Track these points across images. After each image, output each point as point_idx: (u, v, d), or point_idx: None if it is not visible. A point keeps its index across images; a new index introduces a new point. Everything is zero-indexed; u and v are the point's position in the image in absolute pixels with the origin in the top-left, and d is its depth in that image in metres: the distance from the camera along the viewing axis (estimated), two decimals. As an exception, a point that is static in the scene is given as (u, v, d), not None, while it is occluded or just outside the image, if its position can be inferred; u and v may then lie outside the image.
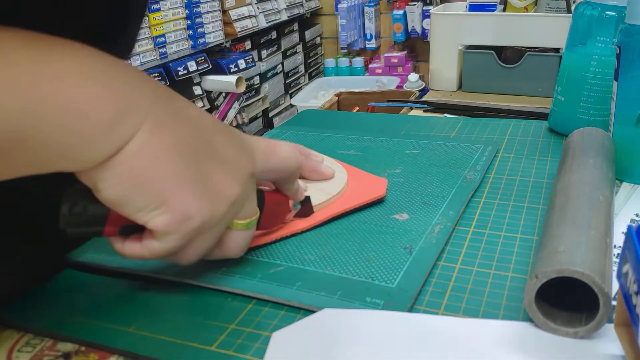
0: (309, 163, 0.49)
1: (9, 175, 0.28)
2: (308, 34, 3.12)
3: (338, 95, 1.42)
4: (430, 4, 2.82)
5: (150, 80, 0.33)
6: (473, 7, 1.18)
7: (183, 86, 2.14)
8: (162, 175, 0.31)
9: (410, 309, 0.36)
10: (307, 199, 0.46)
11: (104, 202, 0.31)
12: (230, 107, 2.41)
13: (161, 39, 2.12)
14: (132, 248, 0.34)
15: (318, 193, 0.48)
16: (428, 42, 1.23)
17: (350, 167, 0.54)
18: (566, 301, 0.33)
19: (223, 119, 2.36)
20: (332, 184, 0.49)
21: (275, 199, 0.42)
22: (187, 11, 2.23)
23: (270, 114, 2.80)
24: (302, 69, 3.10)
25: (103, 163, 0.29)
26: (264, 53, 2.72)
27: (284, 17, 2.80)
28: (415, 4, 2.90)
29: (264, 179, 0.40)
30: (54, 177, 0.32)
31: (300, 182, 0.45)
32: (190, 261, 0.35)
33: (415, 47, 3.07)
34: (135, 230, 0.33)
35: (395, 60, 2.90)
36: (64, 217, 0.32)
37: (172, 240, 0.33)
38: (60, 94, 0.27)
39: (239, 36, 2.45)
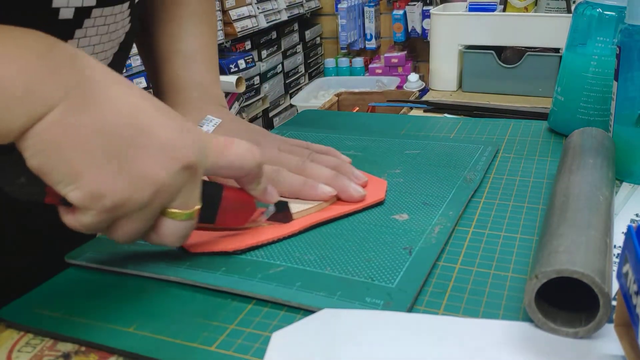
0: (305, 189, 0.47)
1: None
2: (308, 34, 3.12)
3: (338, 95, 1.41)
4: (430, 4, 2.82)
5: (88, 63, 0.33)
6: (473, 7, 1.17)
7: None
8: (76, 152, 0.32)
9: (410, 309, 0.36)
10: (284, 204, 0.45)
11: (31, 170, 0.32)
12: (230, 108, 2.41)
13: (161, 39, 2.11)
14: (68, 218, 0.35)
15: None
16: (428, 42, 1.23)
17: None
18: (566, 301, 0.33)
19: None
20: None
21: (236, 196, 0.41)
22: (187, 11, 2.22)
23: (270, 114, 2.79)
24: (302, 69, 3.10)
25: (23, 133, 0.31)
26: (264, 53, 2.72)
27: (284, 17, 2.80)
28: (415, 4, 2.90)
29: (219, 175, 0.40)
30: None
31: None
32: (122, 241, 0.36)
33: (415, 47, 3.07)
34: None
35: (395, 60, 2.90)
36: None
37: (90, 216, 0.33)
38: None
39: (239, 36, 2.45)
